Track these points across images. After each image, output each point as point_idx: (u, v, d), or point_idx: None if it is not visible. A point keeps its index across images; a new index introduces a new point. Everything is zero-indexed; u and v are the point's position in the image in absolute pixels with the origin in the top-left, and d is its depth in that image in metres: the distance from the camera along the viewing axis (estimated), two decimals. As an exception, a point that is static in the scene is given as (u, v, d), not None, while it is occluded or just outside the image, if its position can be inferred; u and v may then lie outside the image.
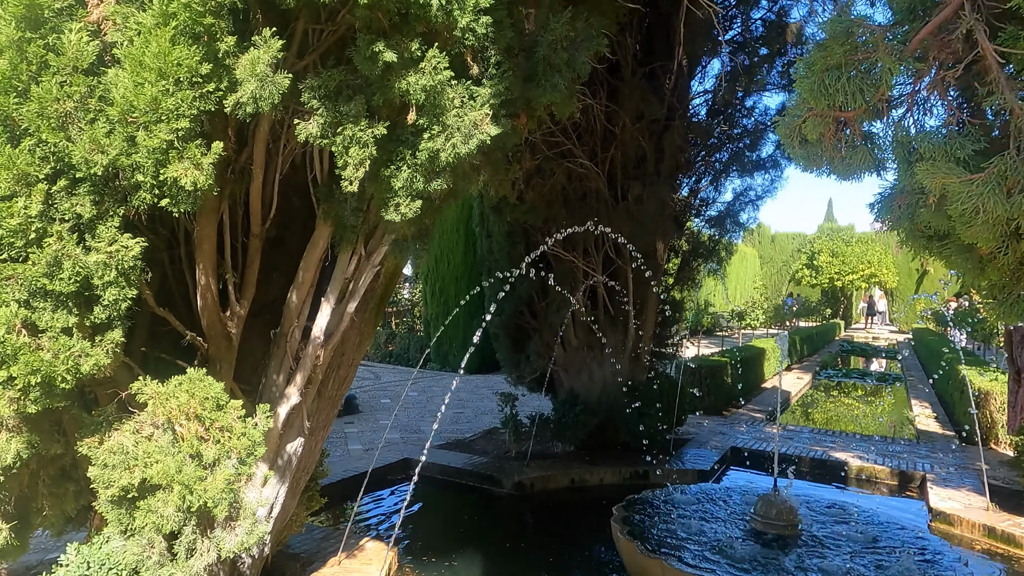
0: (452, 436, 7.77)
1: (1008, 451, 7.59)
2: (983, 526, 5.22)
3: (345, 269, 3.10)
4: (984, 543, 5.08)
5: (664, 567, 3.44)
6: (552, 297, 6.68)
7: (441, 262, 14.09)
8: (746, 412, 10.14)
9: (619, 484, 6.40)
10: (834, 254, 33.87)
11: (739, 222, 7.60)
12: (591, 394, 7.12)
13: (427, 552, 4.64)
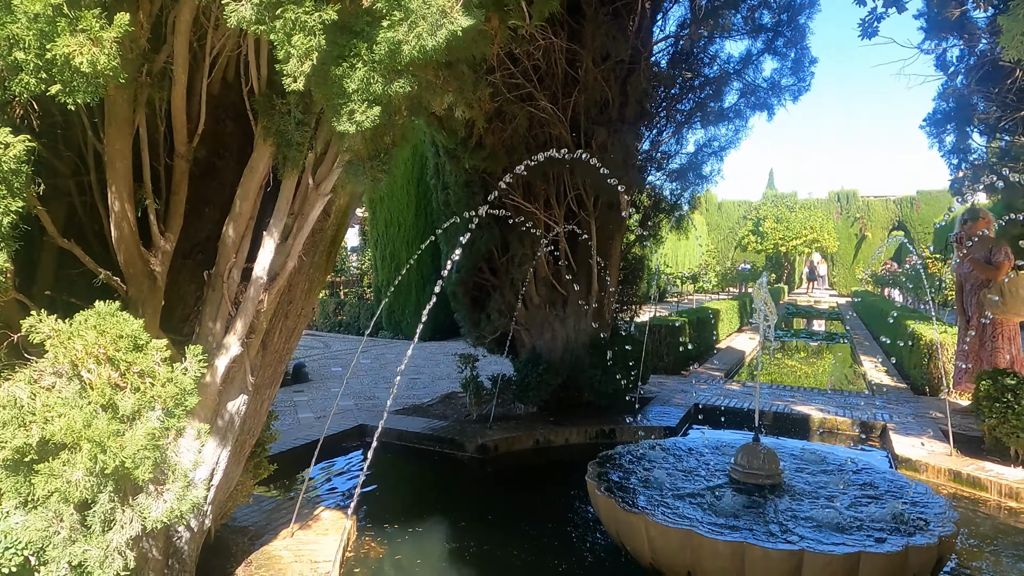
0: (409, 402, 7.42)
1: (959, 399, 7.74)
2: (948, 471, 5.23)
3: (290, 199, 2.68)
4: (951, 487, 5.08)
5: (648, 522, 3.22)
6: (513, 251, 6.35)
7: (391, 226, 13.57)
8: (705, 371, 10.12)
9: (585, 444, 6.21)
10: (778, 220, 34.63)
11: (702, 174, 7.39)
12: (554, 353, 6.87)
13: (388, 519, 4.31)
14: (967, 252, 6.62)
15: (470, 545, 4.04)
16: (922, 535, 3.04)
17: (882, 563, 2.88)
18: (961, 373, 6.92)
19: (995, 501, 4.87)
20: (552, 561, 3.80)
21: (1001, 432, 5.43)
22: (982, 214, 6.60)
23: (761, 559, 2.91)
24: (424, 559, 3.85)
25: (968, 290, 6.74)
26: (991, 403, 5.46)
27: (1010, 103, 5.26)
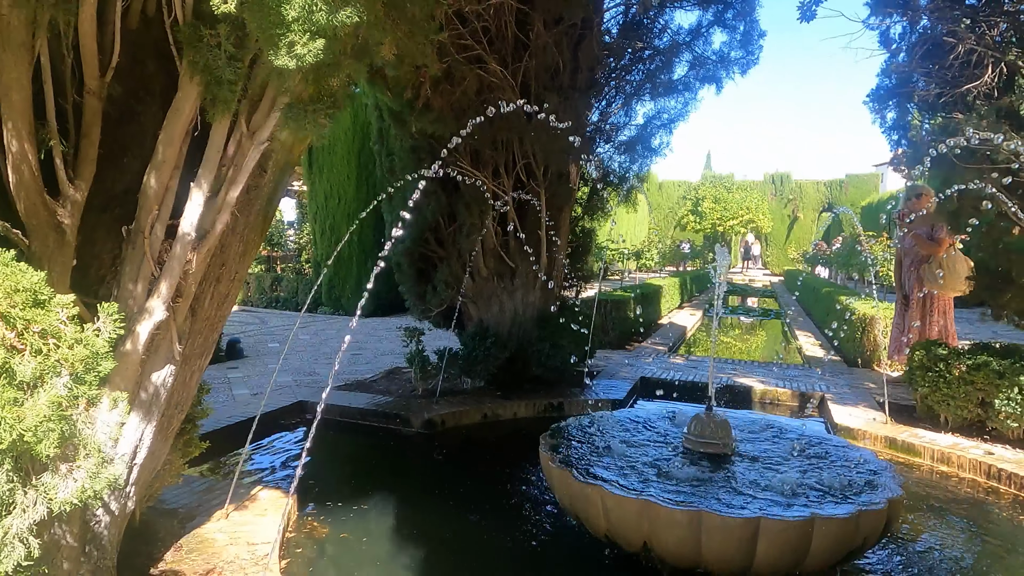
0: (351, 378, 7.16)
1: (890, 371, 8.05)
2: (885, 438, 5.40)
3: (221, 147, 2.42)
4: (887, 453, 5.24)
5: (604, 493, 3.13)
6: (461, 221, 6.15)
7: (331, 199, 13.09)
8: (649, 345, 10.21)
9: (534, 417, 6.13)
10: (716, 200, 35.42)
11: (651, 147, 7.34)
12: (502, 326, 6.73)
13: (332, 498, 4.11)
14: (910, 228, 6.83)
15: (418, 521, 3.90)
16: (871, 500, 3.07)
17: (835, 527, 2.88)
18: (898, 345, 7.16)
19: (928, 466, 5.05)
20: (503, 536, 3.70)
21: (933, 400, 5.63)
22: (925, 191, 6.81)
23: (719, 527, 2.87)
24: (370, 536, 3.68)
25: (908, 265, 6.96)
26: (924, 372, 5.65)
27: (949, 80, 5.38)
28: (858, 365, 8.67)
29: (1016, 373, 5.00)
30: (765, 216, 35.93)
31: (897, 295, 7.36)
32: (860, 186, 38.07)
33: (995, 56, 4.95)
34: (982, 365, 5.23)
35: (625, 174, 7.67)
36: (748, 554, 2.89)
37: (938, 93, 5.55)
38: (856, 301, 10.17)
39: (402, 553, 3.49)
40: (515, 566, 3.42)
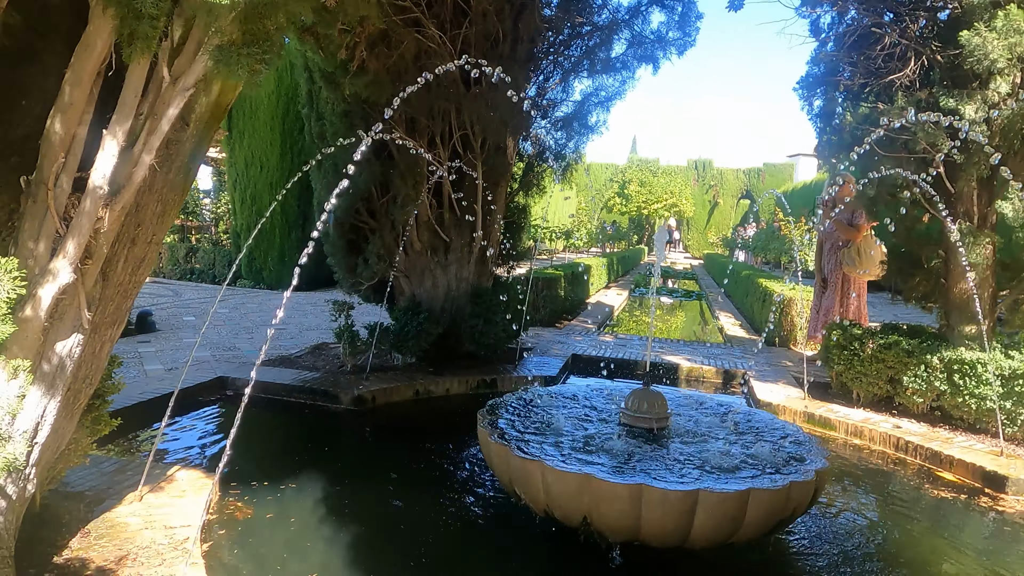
0: (274, 353, 6.86)
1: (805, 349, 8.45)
2: (803, 413, 5.65)
3: (138, 92, 2.17)
4: (806, 428, 5.46)
5: (544, 468, 3.09)
6: (395, 192, 5.94)
7: (252, 166, 12.45)
8: (578, 323, 10.31)
9: (467, 394, 6.05)
10: (642, 184, 36.17)
11: (588, 124, 7.32)
12: (435, 302, 6.60)
13: (256, 478, 3.90)
14: (833, 214, 7.14)
15: (348, 501, 3.75)
16: (801, 471, 3.17)
17: (768, 498, 2.96)
18: (816, 325, 7.49)
19: (842, 439, 5.32)
20: (437, 514, 3.61)
21: (847, 377, 5.93)
22: (847, 179, 7.11)
23: (659, 500, 2.88)
24: (298, 517, 3.51)
25: (828, 249, 7.27)
26: (840, 351, 5.94)
27: (874, 71, 5.59)
28: (775, 344, 9.06)
29: (924, 352, 5.32)
30: (688, 201, 37.02)
31: (816, 278, 7.70)
32: (776, 175, 39.78)
33: (917, 49, 5.17)
34: (893, 344, 5.53)
35: (561, 151, 7.63)
36: (686, 526, 2.92)
37: (863, 83, 5.76)
38: (773, 283, 10.61)
39: (331, 534, 3.35)
40: (449, 545, 3.35)
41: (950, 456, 4.64)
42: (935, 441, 4.90)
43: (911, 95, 5.29)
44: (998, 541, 3.71)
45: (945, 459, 4.66)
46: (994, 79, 4.39)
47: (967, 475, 4.49)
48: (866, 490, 4.33)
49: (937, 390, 5.26)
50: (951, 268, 5.51)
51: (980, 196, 5.25)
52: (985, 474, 4.38)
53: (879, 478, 4.57)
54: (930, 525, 3.85)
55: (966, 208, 5.28)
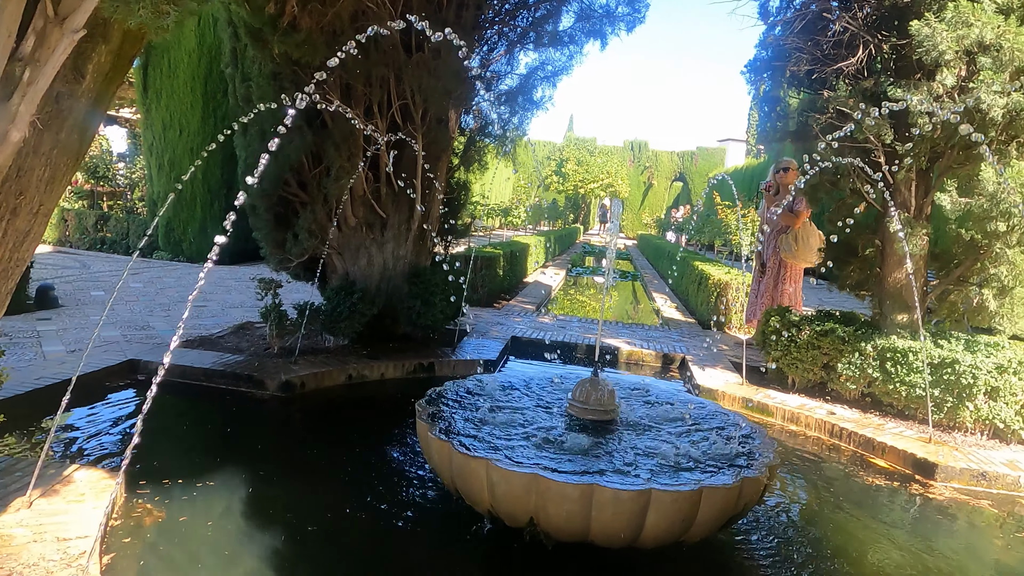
0: (194, 333, 6.37)
1: (739, 333, 8.57)
2: (741, 399, 5.67)
3: (13, 32, 1.78)
4: (743, 413, 5.48)
5: (489, 467, 2.89)
6: (328, 163, 5.53)
7: (170, 129, 11.59)
8: (517, 304, 10.15)
9: (403, 378, 5.78)
10: (579, 163, 36.26)
11: (533, 99, 7.05)
12: (370, 281, 6.26)
13: (170, 474, 3.54)
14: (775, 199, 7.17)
15: (274, 499, 3.46)
16: (752, 467, 3.09)
17: (721, 496, 2.86)
18: (754, 310, 7.56)
19: (780, 425, 5.37)
20: (374, 512, 3.36)
21: (783, 363, 5.99)
22: (791, 165, 7.15)
23: (611, 500, 2.74)
24: (216, 519, 3.19)
25: (768, 235, 7.32)
26: (777, 337, 5.98)
27: (821, 58, 5.57)
28: (711, 328, 9.16)
29: (858, 340, 5.41)
30: (624, 181, 37.39)
31: (755, 263, 7.76)
32: (708, 158, 40.69)
33: (865, 38, 5.16)
34: (829, 331, 5.60)
35: (505, 126, 7.35)
36: (638, 526, 2.79)
37: (809, 70, 5.74)
38: (709, 266, 10.73)
39: (254, 537, 3.05)
40: (384, 547, 3.11)
41: (882, 443, 4.73)
42: (868, 428, 5.00)
43: (856, 84, 5.29)
44: (927, 526, 3.79)
45: (878, 446, 4.75)
46: (940, 71, 4.40)
47: (898, 462, 4.59)
48: (802, 477, 4.36)
49: (870, 377, 5.36)
50: (886, 257, 5.61)
51: (918, 187, 5.33)
52: (916, 461, 4.48)
53: (815, 465, 4.62)
54: (863, 512, 3.88)
55: (904, 199, 5.36)
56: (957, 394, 4.89)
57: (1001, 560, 3.48)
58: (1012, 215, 4.40)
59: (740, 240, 10.75)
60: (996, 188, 4.42)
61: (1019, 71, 4.27)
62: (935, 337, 5.34)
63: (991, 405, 4.84)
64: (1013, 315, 4.84)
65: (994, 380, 4.78)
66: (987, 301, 4.88)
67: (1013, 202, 4.36)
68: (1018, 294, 4.76)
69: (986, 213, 4.50)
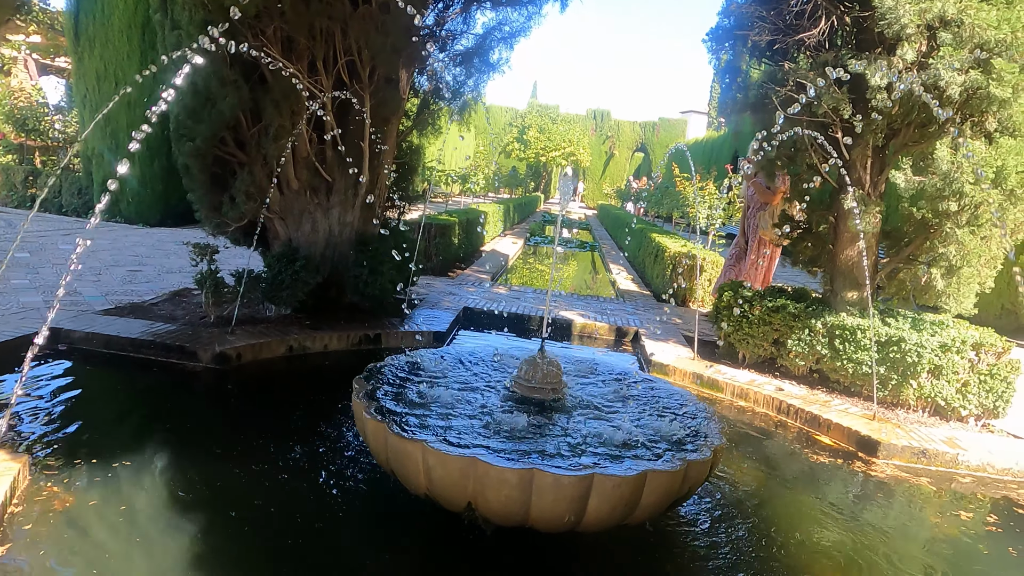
0: (125, 299, 6.01)
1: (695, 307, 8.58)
2: (693, 374, 5.64)
3: None
4: (694, 389, 5.48)
5: (426, 450, 2.74)
6: (268, 121, 5.19)
7: (105, 81, 10.89)
8: (472, 273, 9.95)
9: (348, 350, 5.57)
10: (542, 130, 35.86)
11: (489, 61, 6.78)
12: (314, 248, 5.98)
13: (85, 454, 3.29)
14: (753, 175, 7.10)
15: (201, 480, 3.23)
16: (698, 449, 3.01)
17: (666, 480, 2.77)
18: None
19: (729, 401, 5.35)
20: (308, 495, 3.18)
21: (735, 338, 5.98)
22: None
23: (551, 486, 2.61)
24: (133, 503, 2.96)
25: (749, 212, 7.28)
26: (729, 312, 5.95)
27: (783, 28, 5.44)
28: (666, 300, 9.15)
29: (809, 316, 5.40)
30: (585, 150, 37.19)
31: (738, 238, 7.74)
32: (670, 130, 40.74)
33: (828, 8, 5.04)
34: (780, 308, 5.59)
35: (460, 88, 7.06)
36: (579, 512, 2.68)
37: (771, 40, 5.60)
38: (666, 239, 10.70)
39: (176, 523, 2.84)
40: (319, 532, 2.94)
41: (828, 420, 4.75)
42: (815, 405, 5.02)
43: (817, 56, 5.18)
44: (867, 504, 3.81)
45: (823, 423, 4.77)
46: (901, 45, 4.31)
47: (843, 439, 4.62)
48: (748, 454, 4.34)
49: (818, 354, 5.38)
50: (839, 234, 5.60)
51: (872, 165, 5.29)
52: (859, 439, 4.51)
53: (761, 442, 4.61)
54: (805, 490, 3.88)
55: (858, 176, 5.32)
56: (902, 372, 4.94)
57: (933, 537, 3.52)
58: (963, 195, 4.39)
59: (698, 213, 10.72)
60: (949, 167, 4.39)
61: (978, 47, 4.21)
62: (883, 315, 5.37)
63: (934, 383, 4.90)
64: (959, 295, 4.88)
65: (938, 359, 4.84)
66: (935, 280, 4.90)
67: (965, 181, 4.34)
68: (965, 274, 4.79)
69: (939, 192, 4.48)
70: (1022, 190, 4.42)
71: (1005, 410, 4.86)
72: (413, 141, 7.14)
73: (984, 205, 4.40)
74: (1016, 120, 4.23)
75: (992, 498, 4.03)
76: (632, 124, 42.65)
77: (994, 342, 4.87)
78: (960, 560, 3.28)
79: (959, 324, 5.26)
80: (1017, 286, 8.34)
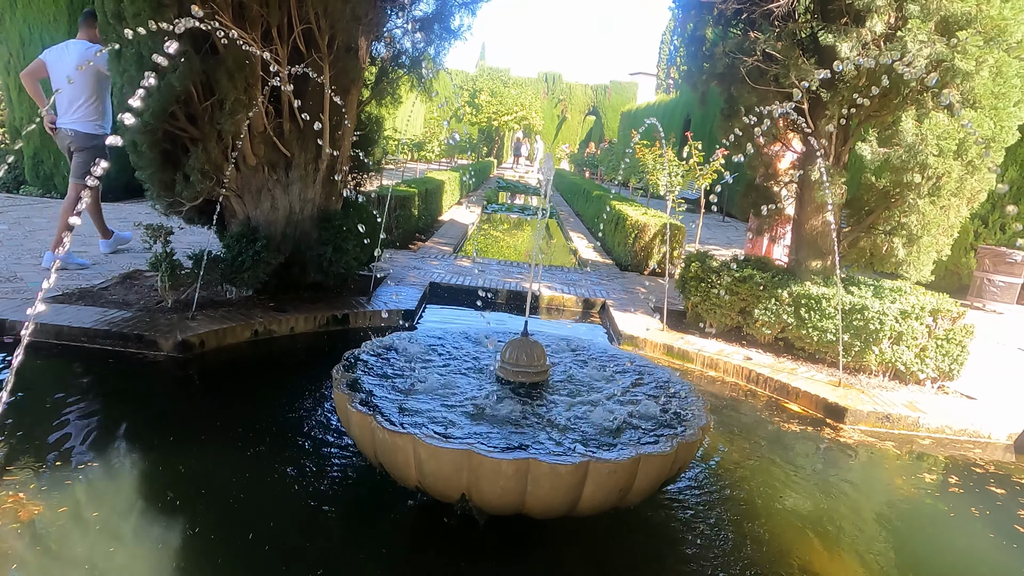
0: (72, 284, 5.68)
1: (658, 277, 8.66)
2: (663, 346, 5.70)
3: None
4: (665, 360, 5.55)
5: (417, 443, 2.68)
6: (222, 95, 4.90)
7: (31, 45, 10.13)
8: (433, 245, 9.80)
9: (315, 332, 5.42)
10: (493, 94, 35.30)
11: (450, 28, 6.56)
12: (274, 227, 5.74)
13: (45, 459, 3.11)
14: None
15: (172, 479, 3.10)
16: (685, 430, 3.04)
17: (658, 463, 2.79)
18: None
19: (699, 372, 5.44)
20: (287, 489, 3.09)
21: (702, 309, 6.07)
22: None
23: (548, 475, 2.60)
24: (104, 507, 2.83)
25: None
26: (697, 283, 6.02)
27: (750, -3, 5.40)
28: (628, 269, 9.21)
29: (775, 287, 5.50)
30: (538, 114, 36.86)
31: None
32: (621, 93, 40.70)
33: (797, -23, 5.02)
34: (747, 278, 5.67)
35: (419, 56, 6.82)
36: (575, 499, 2.69)
37: (738, 8, 5.56)
38: (626, 206, 10.73)
39: (150, 526, 2.72)
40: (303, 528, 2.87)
41: (796, 388, 4.89)
42: (782, 373, 5.15)
43: (785, 26, 5.18)
44: (836, 469, 3.95)
45: (792, 391, 4.91)
46: (871, 17, 4.33)
47: (811, 406, 4.76)
48: (720, 423, 4.42)
49: (784, 323, 5.51)
50: (804, 204, 5.69)
51: (837, 136, 5.36)
52: (827, 406, 4.65)
53: (733, 411, 4.72)
54: (777, 457, 4.00)
55: (824, 147, 5.39)
56: (864, 339, 5.10)
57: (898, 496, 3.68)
58: (927, 166, 4.49)
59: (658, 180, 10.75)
60: (914, 140, 4.48)
61: (944, 20, 4.26)
62: (846, 284, 5.51)
63: (894, 349, 5.08)
64: (919, 263, 5.04)
65: (898, 325, 5.00)
66: (896, 249, 5.04)
67: (929, 153, 4.44)
68: (925, 243, 4.94)
69: (903, 164, 4.57)
70: (980, 161, 4.54)
71: (960, 372, 5.09)
72: (372, 111, 6.89)
73: (946, 176, 4.51)
74: (978, 92, 4.33)
75: (952, 458, 4.24)
76: (584, 87, 42.41)
77: (950, 308, 5.06)
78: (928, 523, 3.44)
79: (916, 290, 5.45)
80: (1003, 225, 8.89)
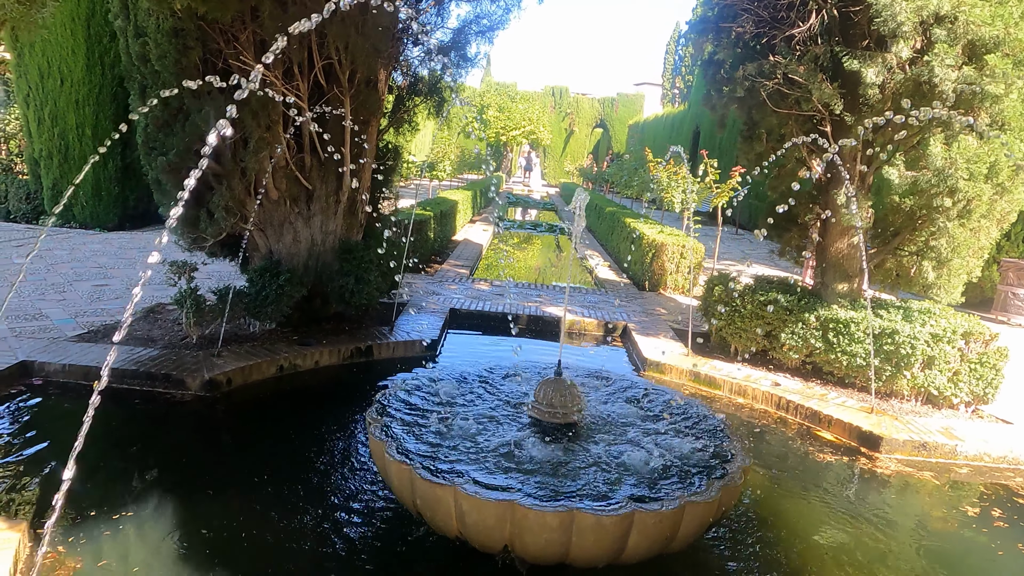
0: (95, 320, 5.70)
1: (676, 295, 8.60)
2: (689, 372, 5.64)
3: None
4: (691, 387, 5.49)
5: (458, 494, 2.64)
6: (246, 133, 4.92)
7: (49, 79, 10.25)
8: (450, 268, 9.79)
9: (339, 365, 5.40)
10: (501, 109, 35.44)
11: (466, 56, 6.56)
12: (297, 259, 5.75)
13: (82, 508, 3.10)
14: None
15: (207, 526, 3.08)
16: (728, 473, 2.98)
17: (702, 510, 2.74)
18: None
19: (727, 398, 5.38)
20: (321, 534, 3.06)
21: (727, 332, 6.00)
22: None
23: (592, 527, 2.55)
24: (142, 559, 2.81)
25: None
26: (721, 307, 5.96)
27: (769, 20, 5.38)
28: (646, 288, 9.16)
29: (802, 310, 5.44)
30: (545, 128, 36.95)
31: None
32: (628, 105, 40.76)
33: (818, 3, 4.99)
34: (772, 301, 5.61)
35: (436, 83, 6.85)
36: (619, 549, 2.64)
37: (757, 33, 5.55)
38: (643, 225, 10.69)
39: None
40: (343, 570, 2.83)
41: (828, 416, 4.81)
42: (813, 399, 5.07)
43: (807, 51, 5.15)
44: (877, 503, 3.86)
45: (824, 418, 4.83)
46: (897, 42, 4.30)
47: (844, 434, 4.68)
48: (753, 454, 4.35)
49: (812, 347, 5.44)
50: (830, 228, 5.63)
51: (861, 159, 5.31)
52: (861, 434, 4.58)
53: (764, 440, 4.64)
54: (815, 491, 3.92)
55: (848, 170, 5.34)
56: (896, 363, 5.02)
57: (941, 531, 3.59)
58: (957, 190, 4.43)
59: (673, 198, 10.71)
60: (943, 163, 4.43)
61: (971, 44, 4.22)
62: (875, 307, 5.44)
63: (926, 373, 5.00)
64: (949, 285, 4.97)
65: (929, 349, 4.93)
66: (926, 272, 4.97)
67: (959, 177, 4.38)
68: (955, 266, 4.87)
69: (933, 188, 4.51)
70: (1011, 183, 4.49)
71: (994, 396, 5.00)
72: (391, 140, 6.91)
73: (976, 200, 4.46)
74: (1007, 115, 4.28)
75: (994, 487, 4.14)
76: (591, 100, 42.53)
77: (982, 330, 4.98)
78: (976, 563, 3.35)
79: (946, 312, 5.36)
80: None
